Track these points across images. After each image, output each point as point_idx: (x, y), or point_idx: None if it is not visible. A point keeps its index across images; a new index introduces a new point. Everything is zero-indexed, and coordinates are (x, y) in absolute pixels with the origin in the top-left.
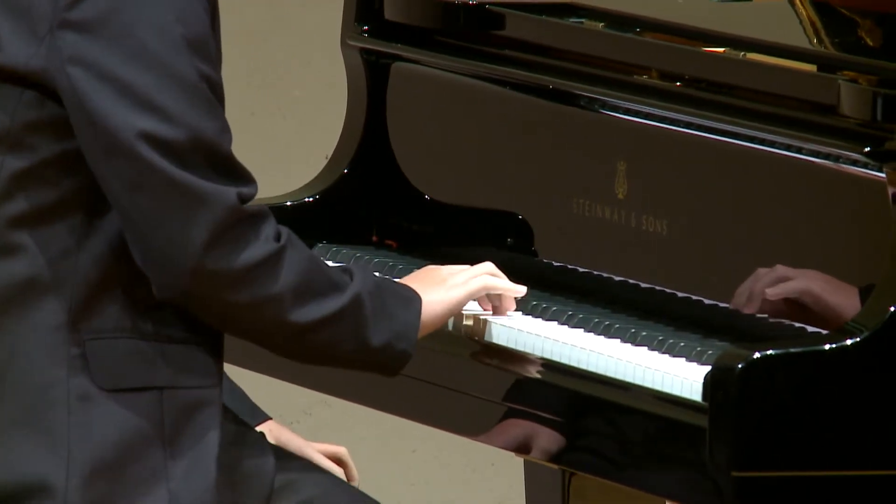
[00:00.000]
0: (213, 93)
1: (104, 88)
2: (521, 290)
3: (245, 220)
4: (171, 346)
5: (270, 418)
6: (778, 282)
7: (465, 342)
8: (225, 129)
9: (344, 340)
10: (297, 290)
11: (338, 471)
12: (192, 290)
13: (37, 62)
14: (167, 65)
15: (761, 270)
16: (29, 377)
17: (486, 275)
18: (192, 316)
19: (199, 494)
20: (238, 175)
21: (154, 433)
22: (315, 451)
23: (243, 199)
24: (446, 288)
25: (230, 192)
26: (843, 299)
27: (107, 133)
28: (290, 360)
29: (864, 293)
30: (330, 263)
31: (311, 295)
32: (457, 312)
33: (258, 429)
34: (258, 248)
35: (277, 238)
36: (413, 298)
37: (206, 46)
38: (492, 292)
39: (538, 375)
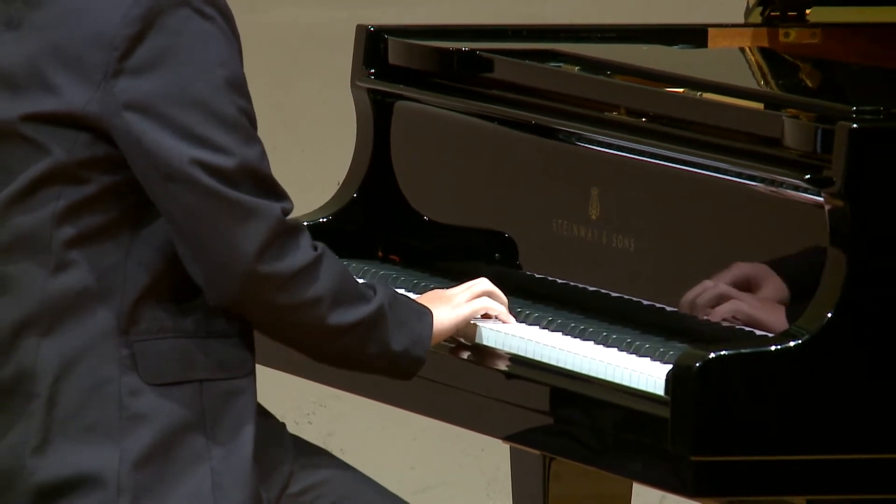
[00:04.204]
0: (251, 124)
1: (157, 127)
2: (511, 319)
3: (288, 230)
4: (209, 341)
5: None
6: (731, 293)
7: (459, 344)
8: (264, 155)
9: (369, 345)
10: (334, 295)
11: None
12: (246, 293)
13: (93, 107)
14: (210, 104)
15: (717, 284)
16: (84, 379)
17: (486, 297)
18: (228, 314)
19: (238, 471)
20: (278, 193)
21: (196, 420)
22: None
23: (285, 213)
24: (452, 306)
25: (275, 207)
26: (788, 306)
27: (163, 164)
28: (309, 361)
29: (805, 301)
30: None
31: (344, 301)
32: (461, 327)
33: None
34: (301, 255)
35: (315, 248)
36: (425, 312)
37: (243, 84)
38: (490, 313)
39: (522, 373)
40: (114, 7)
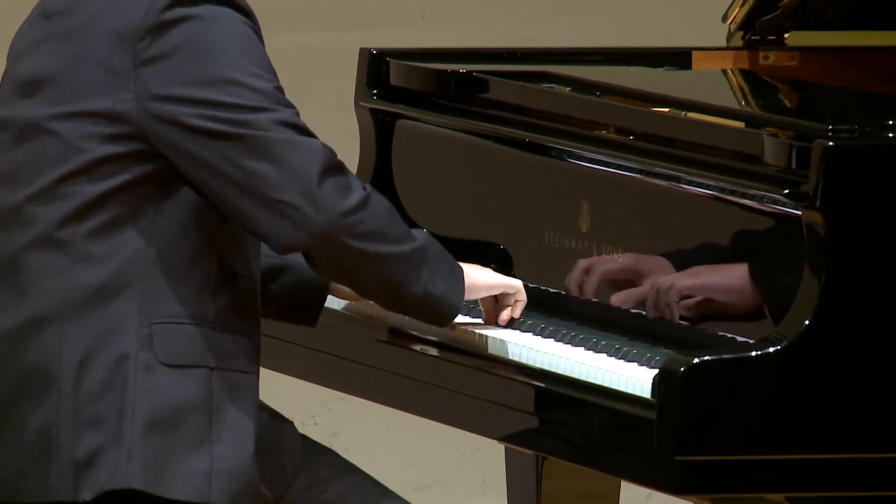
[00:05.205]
0: (279, 91)
1: (191, 106)
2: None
3: (340, 165)
4: (225, 335)
5: None
6: (714, 298)
7: (456, 350)
8: (297, 113)
9: (413, 281)
10: (386, 227)
11: None
12: (314, 221)
13: (126, 100)
14: (239, 79)
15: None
16: (107, 358)
17: (519, 280)
18: (241, 310)
19: (237, 462)
20: (316, 137)
21: (202, 404)
22: None
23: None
24: (484, 272)
25: (319, 142)
26: (767, 312)
27: (204, 133)
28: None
29: (784, 309)
30: None
31: (395, 235)
32: (492, 292)
33: None
34: (356, 191)
35: (364, 187)
36: (458, 269)
37: (268, 63)
38: (517, 298)
39: (517, 377)
40: (136, 4)
